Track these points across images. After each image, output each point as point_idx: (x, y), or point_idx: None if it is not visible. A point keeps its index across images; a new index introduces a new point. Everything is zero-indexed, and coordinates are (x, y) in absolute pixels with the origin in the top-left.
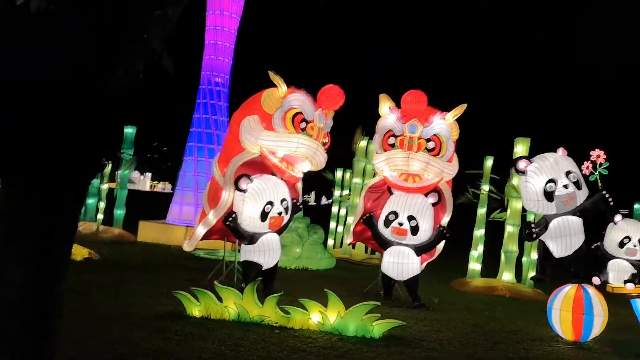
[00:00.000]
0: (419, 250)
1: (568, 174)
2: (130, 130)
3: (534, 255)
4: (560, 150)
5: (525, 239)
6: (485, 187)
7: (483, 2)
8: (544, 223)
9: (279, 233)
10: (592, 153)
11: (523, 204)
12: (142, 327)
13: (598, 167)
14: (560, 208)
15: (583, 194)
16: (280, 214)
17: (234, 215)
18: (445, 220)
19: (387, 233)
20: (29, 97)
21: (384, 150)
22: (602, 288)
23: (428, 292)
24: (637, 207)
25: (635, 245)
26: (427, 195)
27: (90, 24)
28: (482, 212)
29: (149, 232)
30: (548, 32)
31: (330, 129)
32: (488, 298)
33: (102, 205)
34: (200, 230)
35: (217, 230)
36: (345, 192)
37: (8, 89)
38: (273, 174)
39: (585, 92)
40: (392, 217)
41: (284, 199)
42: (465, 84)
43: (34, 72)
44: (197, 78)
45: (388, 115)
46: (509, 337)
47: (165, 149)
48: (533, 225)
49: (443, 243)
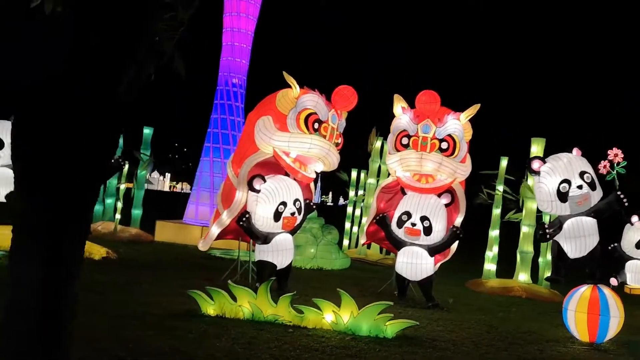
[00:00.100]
0: (433, 251)
1: (582, 175)
2: (148, 131)
3: (550, 256)
4: (575, 151)
5: (539, 240)
6: (500, 187)
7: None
8: (558, 224)
9: (292, 233)
10: (609, 152)
11: (537, 205)
12: (156, 325)
13: (616, 166)
14: (574, 209)
15: (597, 195)
16: (293, 215)
17: (248, 216)
18: (459, 221)
19: (400, 233)
20: (30, 97)
21: (397, 151)
22: (619, 289)
23: (443, 292)
24: None
25: None
26: (440, 196)
27: (100, 26)
28: (497, 212)
29: (166, 231)
30: (564, 29)
31: (346, 130)
32: (503, 299)
33: (119, 205)
34: (215, 230)
35: (231, 230)
36: (360, 192)
37: (13, 89)
38: (286, 175)
39: (604, 90)
40: (405, 217)
41: (297, 200)
42: (482, 84)
43: (39, 72)
44: (214, 79)
45: (401, 116)
46: (523, 337)
47: (185, 150)
48: (547, 226)
49: (457, 244)
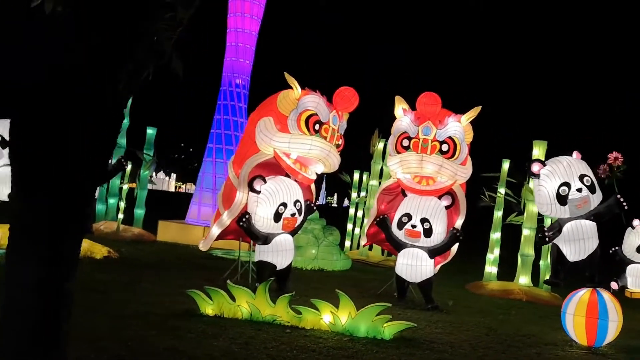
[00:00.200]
0: (433, 253)
1: (582, 178)
2: (151, 132)
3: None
4: (575, 154)
5: (539, 243)
6: (502, 190)
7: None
8: (557, 227)
9: (293, 234)
10: (609, 155)
11: (537, 207)
12: (156, 324)
13: (615, 169)
14: (574, 212)
15: (597, 198)
16: (294, 215)
17: (248, 216)
18: (459, 223)
19: (400, 235)
20: (30, 97)
21: (398, 153)
22: (620, 293)
23: (443, 294)
24: None
25: None
26: (440, 198)
27: (100, 26)
28: (498, 215)
29: (168, 231)
30: (566, 29)
31: (348, 131)
32: (503, 301)
33: (122, 205)
34: (215, 231)
35: (231, 231)
36: (363, 194)
37: (11, 89)
38: (287, 176)
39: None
40: (405, 219)
41: (297, 201)
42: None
43: (37, 72)
44: (218, 79)
45: (402, 118)
46: (522, 340)
47: (191, 150)
48: (546, 229)
49: (457, 246)
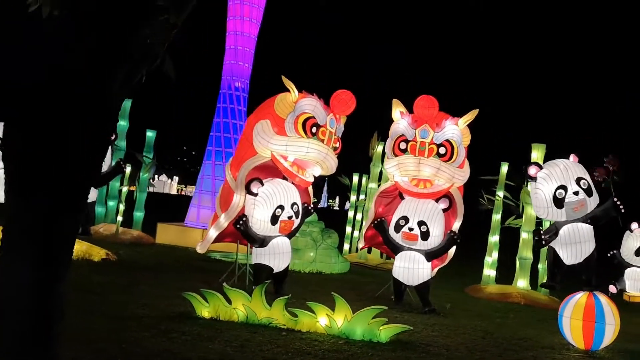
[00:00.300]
0: (430, 256)
1: (579, 181)
2: (151, 134)
3: None
4: (572, 157)
5: (535, 246)
6: (500, 193)
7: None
8: (554, 230)
9: (290, 237)
10: (606, 159)
11: (534, 211)
12: (151, 327)
13: (612, 173)
14: (571, 215)
15: (594, 201)
16: (291, 218)
17: (245, 219)
18: (457, 226)
19: (397, 238)
20: (30, 97)
21: (395, 155)
22: (618, 296)
23: (441, 297)
24: None
25: None
26: (438, 201)
27: (96, 29)
28: (497, 218)
29: (167, 234)
30: (567, 30)
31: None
32: (502, 305)
33: (122, 208)
34: (212, 233)
35: (229, 233)
36: (362, 197)
37: (9, 89)
38: (284, 178)
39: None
40: (402, 222)
41: (295, 203)
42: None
43: (34, 72)
44: (217, 82)
45: (400, 120)
46: (519, 344)
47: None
48: (542, 232)
49: (454, 249)
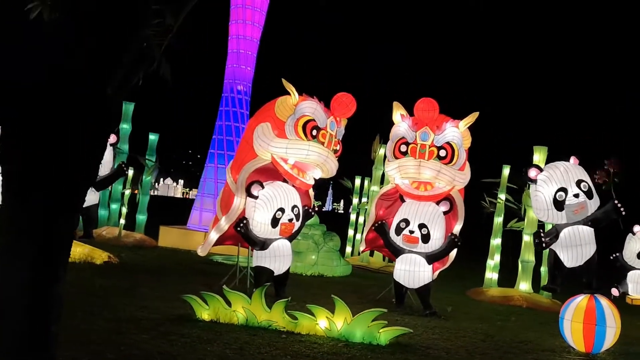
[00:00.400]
0: (431, 259)
1: (579, 183)
2: (153, 137)
3: None
4: (572, 159)
5: (535, 248)
6: (502, 195)
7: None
8: (555, 232)
9: (290, 239)
10: (606, 161)
11: (534, 213)
12: (151, 329)
13: (612, 175)
14: (571, 217)
15: (594, 204)
16: (291, 221)
17: (245, 222)
18: (457, 229)
19: (398, 241)
20: (30, 97)
21: (396, 158)
22: (621, 299)
23: (443, 300)
24: None
25: None
26: (438, 204)
27: (91, 29)
28: (499, 221)
29: (170, 237)
30: (568, 30)
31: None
32: (503, 308)
33: (124, 211)
34: (213, 236)
35: (230, 236)
36: (364, 200)
37: (9, 89)
38: (285, 181)
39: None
40: (403, 224)
41: (295, 206)
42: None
43: (34, 72)
44: (220, 86)
45: (400, 123)
46: (519, 347)
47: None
48: (543, 235)
49: (455, 251)
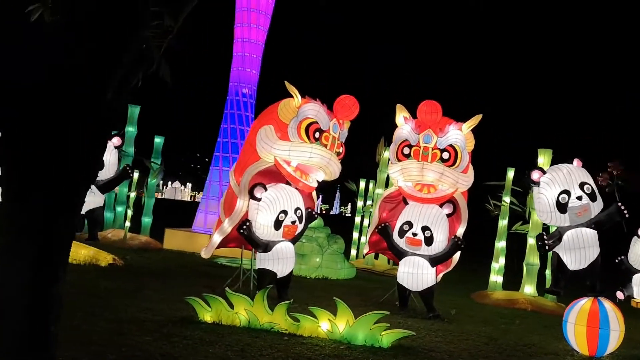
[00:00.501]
0: (434, 261)
1: (582, 186)
2: (159, 140)
3: None
4: (575, 161)
5: (538, 251)
6: (507, 198)
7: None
8: (558, 235)
9: (293, 242)
10: (609, 164)
11: (537, 216)
12: (153, 331)
13: (615, 178)
14: (574, 220)
15: (597, 206)
16: (294, 223)
17: (248, 224)
18: (461, 231)
19: (401, 243)
20: (30, 97)
21: (399, 160)
22: (626, 302)
23: (446, 303)
24: None
25: None
26: (442, 206)
27: (91, 30)
28: (503, 223)
29: (175, 239)
30: (570, 31)
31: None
32: (508, 311)
33: (130, 213)
34: (217, 238)
35: (233, 239)
36: (369, 202)
37: (9, 89)
38: (287, 183)
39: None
40: (406, 227)
41: (298, 208)
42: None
43: (34, 72)
44: (225, 89)
45: (403, 126)
46: (523, 350)
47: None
48: (546, 237)
49: (459, 254)
